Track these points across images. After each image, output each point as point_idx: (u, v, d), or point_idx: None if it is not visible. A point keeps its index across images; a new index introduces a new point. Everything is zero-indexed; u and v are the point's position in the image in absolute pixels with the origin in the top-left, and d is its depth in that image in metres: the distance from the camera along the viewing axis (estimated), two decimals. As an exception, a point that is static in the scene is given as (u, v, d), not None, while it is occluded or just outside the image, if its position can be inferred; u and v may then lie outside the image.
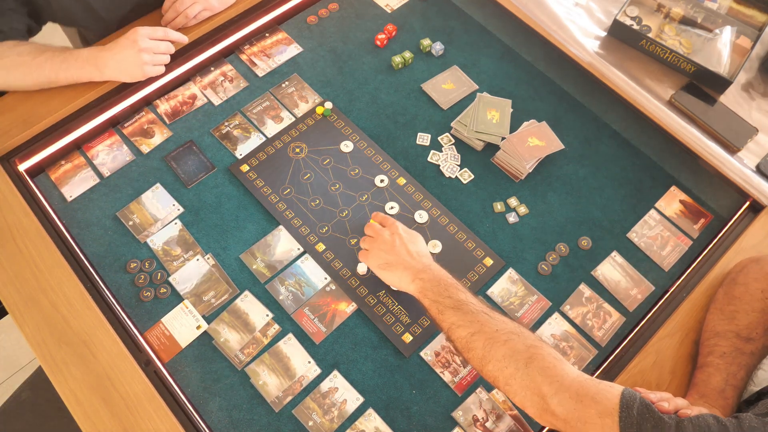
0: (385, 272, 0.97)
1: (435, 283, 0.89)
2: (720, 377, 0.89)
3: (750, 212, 1.14)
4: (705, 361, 0.93)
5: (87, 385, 0.92)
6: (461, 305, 0.85)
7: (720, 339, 0.93)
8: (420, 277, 0.91)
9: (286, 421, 0.94)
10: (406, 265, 0.94)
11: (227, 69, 1.27)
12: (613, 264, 1.09)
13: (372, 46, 1.31)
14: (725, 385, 0.89)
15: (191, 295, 1.03)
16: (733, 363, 0.90)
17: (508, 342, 0.79)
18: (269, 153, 1.17)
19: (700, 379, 0.91)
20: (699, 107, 1.23)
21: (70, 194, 1.11)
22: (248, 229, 1.09)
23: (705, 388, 0.90)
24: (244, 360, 0.98)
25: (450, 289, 0.88)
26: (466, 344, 0.82)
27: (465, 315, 0.84)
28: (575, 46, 1.30)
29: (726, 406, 0.87)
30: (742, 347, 0.91)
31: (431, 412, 0.95)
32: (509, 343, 0.79)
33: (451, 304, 0.86)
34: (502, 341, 0.79)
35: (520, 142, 1.14)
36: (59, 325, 0.96)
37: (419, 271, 0.92)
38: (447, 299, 0.86)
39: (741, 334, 0.92)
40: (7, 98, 1.16)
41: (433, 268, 0.93)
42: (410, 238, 0.98)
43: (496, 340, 0.79)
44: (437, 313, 0.87)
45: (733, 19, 1.32)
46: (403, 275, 0.94)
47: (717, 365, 0.90)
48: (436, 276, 0.91)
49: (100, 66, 1.13)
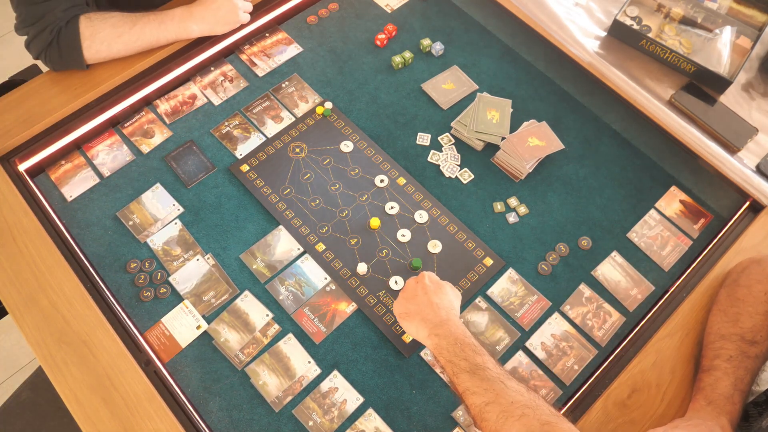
0: (404, 321, 0.93)
1: (451, 342, 0.84)
2: (728, 382, 0.88)
3: (750, 212, 1.14)
4: (711, 364, 0.91)
5: (87, 385, 0.92)
6: (477, 370, 0.81)
7: (726, 342, 0.92)
8: (436, 333, 0.86)
9: (286, 421, 0.94)
10: (423, 317, 0.89)
11: (227, 69, 1.27)
12: (613, 264, 1.09)
13: (372, 46, 1.31)
14: (734, 390, 0.88)
15: (191, 295, 1.03)
16: (740, 367, 0.89)
17: (523, 417, 0.75)
18: (269, 153, 1.17)
19: (707, 383, 0.90)
20: (699, 107, 1.23)
21: (70, 194, 1.11)
22: (248, 229, 1.09)
23: (713, 393, 0.89)
24: (244, 360, 0.98)
25: (466, 350, 0.83)
26: (479, 413, 0.78)
27: (481, 382, 0.80)
28: (575, 46, 1.30)
29: (733, 412, 0.87)
30: (747, 350, 0.90)
31: (431, 412, 0.95)
32: (524, 418, 0.75)
33: (467, 368, 0.81)
34: (516, 416, 0.75)
35: (520, 142, 1.14)
36: (59, 325, 0.96)
37: (436, 325, 0.87)
38: (463, 361, 0.82)
39: (746, 337, 0.91)
40: (8, 98, 1.16)
41: (452, 323, 0.88)
42: (436, 288, 0.93)
43: (510, 414, 0.76)
44: (452, 374, 0.83)
45: (733, 19, 1.32)
46: (420, 327, 0.89)
47: (725, 369, 0.89)
48: (453, 333, 0.86)
49: (197, 20, 1.19)
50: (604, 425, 0.92)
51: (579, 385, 0.98)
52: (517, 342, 1.01)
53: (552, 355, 1.00)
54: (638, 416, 0.93)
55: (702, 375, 0.92)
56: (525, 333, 1.02)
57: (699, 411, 0.88)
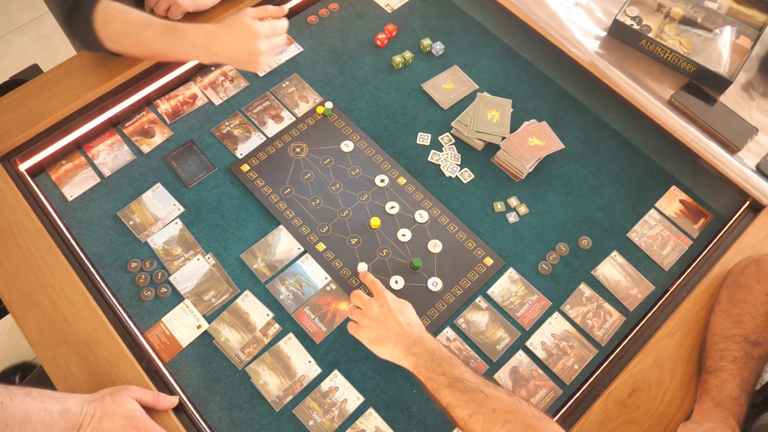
0: (377, 347, 0.92)
1: (428, 359, 0.85)
2: (734, 383, 0.88)
3: (750, 212, 1.14)
4: (717, 365, 0.91)
5: (87, 385, 0.92)
6: (456, 383, 0.82)
7: (730, 343, 0.92)
8: (413, 353, 0.87)
9: (287, 421, 0.94)
10: (397, 340, 0.90)
11: (228, 69, 1.27)
12: (613, 264, 1.09)
13: (372, 45, 1.31)
14: (740, 392, 0.88)
15: (192, 295, 1.03)
16: (745, 368, 0.89)
17: (506, 424, 0.76)
18: (270, 153, 1.17)
19: (714, 384, 0.90)
20: (699, 107, 1.23)
21: (71, 194, 1.11)
22: (249, 229, 1.09)
23: (719, 394, 0.89)
24: (244, 359, 0.98)
25: (443, 365, 0.84)
26: (465, 425, 0.80)
27: (461, 394, 0.81)
28: (575, 46, 1.30)
29: (740, 413, 0.87)
30: (751, 351, 0.91)
31: (432, 412, 0.95)
32: (507, 425, 0.76)
33: (446, 383, 0.82)
34: (500, 423, 0.77)
35: (521, 142, 1.14)
36: (60, 325, 0.96)
37: (411, 345, 0.88)
38: (441, 377, 0.83)
39: (749, 338, 0.91)
40: (8, 98, 1.16)
41: (425, 340, 0.89)
42: (399, 308, 0.94)
43: (494, 422, 0.77)
44: (433, 390, 0.84)
45: (733, 19, 1.32)
46: (395, 350, 0.89)
47: (731, 371, 0.89)
48: (429, 350, 0.87)
49: (211, 53, 1.06)
50: (604, 425, 0.92)
51: (579, 385, 0.98)
52: (517, 341, 1.01)
53: (552, 354, 1.00)
54: (638, 416, 0.93)
55: (707, 376, 0.92)
56: (525, 332, 1.02)
57: (706, 413, 0.88)
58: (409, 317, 0.94)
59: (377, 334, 0.92)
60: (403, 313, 0.93)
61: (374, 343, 0.92)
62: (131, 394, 0.87)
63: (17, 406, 0.78)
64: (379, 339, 0.91)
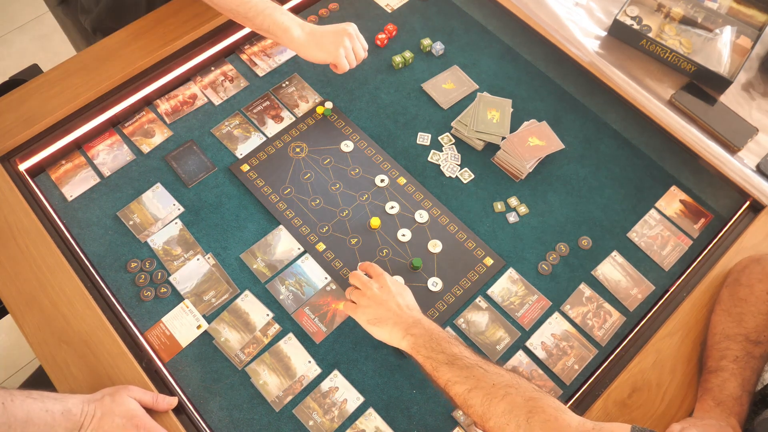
0: (374, 327, 0.92)
1: (427, 339, 0.86)
2: (736, 383, 0.88)
3: (750, 212, 1.14)
4: (718, 365, 0.91)
5: (87, 385, 0.92)
6: (455, 360, 0.83)
7: (731, 342, 0.92)
8: (411, 333, 0.88)
9: (287, 421, 0.94)
10: (396, 321, 0.90)
11: (228, 69, 1.27)
12: (613, 264, 1.09)
13: (372, 45, 1.31)
14: (742, 391, 0.88)
15: (191, 295, 1.03)
16: (746, 367, 0.89)
17: (507, 396, 0.77)
18: (269, 153, 1.17)
19: (715, 384, 0.90)
20: (699, 107, 1.23)
21: (71, 194, 1.11)
22: (248, 229, 1.09)
23: (721, 393, 0.88)
24: (244, 359, 0.98)
25: (442, 344, 0.85)
26: (464, 401, 0.80)
27: (460, 370, 0.81)
28: (575, 46, 1.30)
29: (742, 413, 0.87)
30: (752, 351, 0.91)
31: (431, 412, 0.95)
32: (507, 397, 0.77)
33: (445, 360, 0.83)
34: (500, 396, 0.77)
35: (521, 142, 1.14)
36: (60, 325, 0.96)
37: (410, 326, 0.89)
38: (440, 354, 0.84)
39: (750, 338, 0.91)
40: (8, 98, 1.16)
41: (424, 321, 0.90)
42: (399, 290, 0.95)
43: (494, 395, 0.77)
44: (432, 369, 0.84)
45: (733, 19, 1.32)
46: (393, 331, 0.90)
47: (732, 370, 0.89)
48: (427, 330, 0.87)
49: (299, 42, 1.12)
50: (604, 425, 0.92)
51: (579, 385, 0.98)
52: (517, 342, 1.01)
53: (552, 354, 1.00)
54: (638, 416, 0.93)
55: (709, 376, 0.92)
56: (525, 333, 1.02)
57: (708, 412, 0.88)
58: (408, 300, 0.94)
59: (376, 314, 0.92)
60: (402, 296, 0.94)
61: (372, 324, 0.92)
62: (131, 394, 0.87)
63: (18, 407, 0.78)
64: (377, 319, 0.92)
